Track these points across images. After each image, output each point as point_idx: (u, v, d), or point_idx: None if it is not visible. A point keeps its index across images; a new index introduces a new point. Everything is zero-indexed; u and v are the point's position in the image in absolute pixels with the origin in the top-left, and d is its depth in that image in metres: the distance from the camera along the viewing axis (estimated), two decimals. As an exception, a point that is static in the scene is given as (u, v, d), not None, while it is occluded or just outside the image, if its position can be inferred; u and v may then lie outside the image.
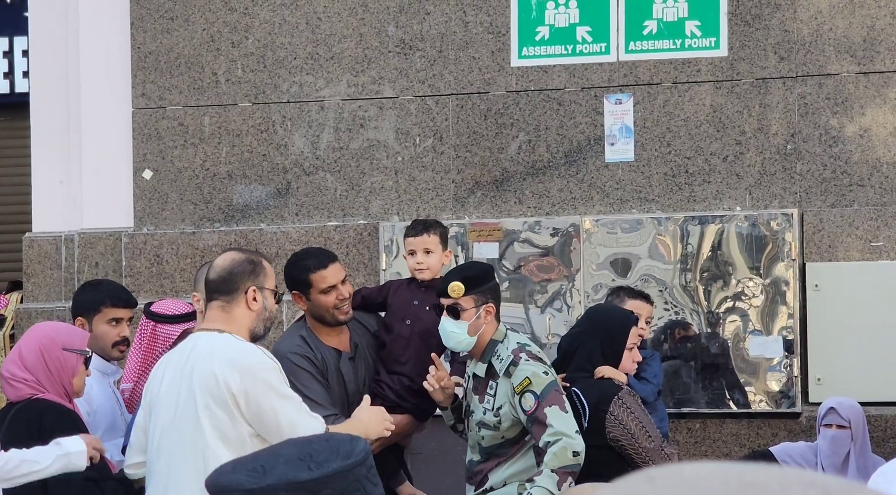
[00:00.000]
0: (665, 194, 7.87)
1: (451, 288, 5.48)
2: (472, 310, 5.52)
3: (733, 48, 7.84)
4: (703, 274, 7.69)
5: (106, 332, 5.74)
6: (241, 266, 4.94)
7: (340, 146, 8.22)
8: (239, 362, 4.71)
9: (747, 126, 7.81)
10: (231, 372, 4.69)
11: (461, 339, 5.55)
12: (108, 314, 5.77)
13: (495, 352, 5.58)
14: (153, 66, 8.43)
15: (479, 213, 8.04)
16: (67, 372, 5.20)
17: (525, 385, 5.45)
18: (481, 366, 5.61)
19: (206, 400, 4.73)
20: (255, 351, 4.79)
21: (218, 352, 4.76)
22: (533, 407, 5.41)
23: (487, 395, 5.58)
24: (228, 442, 4.74)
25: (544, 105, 8.01)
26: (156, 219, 8.41)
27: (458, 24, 8.10)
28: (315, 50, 8.26)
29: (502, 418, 5.53)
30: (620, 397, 5.72)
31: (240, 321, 4.87)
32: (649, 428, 5.72)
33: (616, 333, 5.92)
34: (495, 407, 5.54)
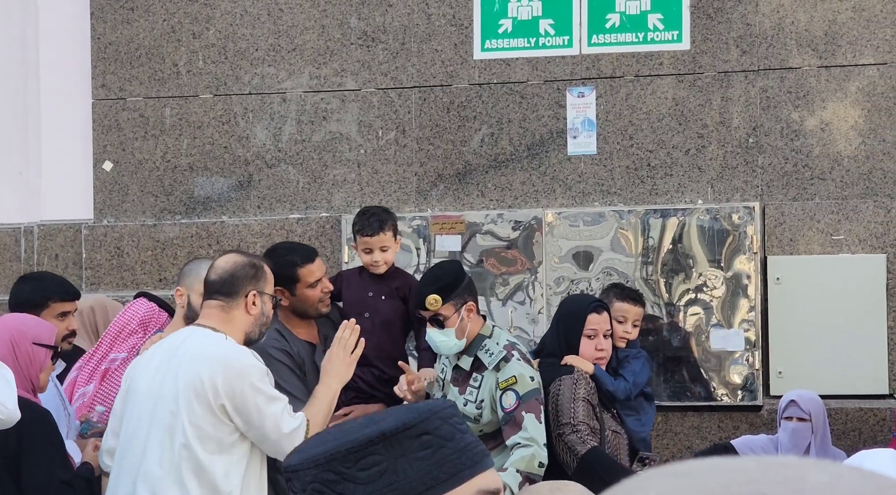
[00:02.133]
0: (627, 187, 7.89)
1: (428, 302, 5.46)
2: (455, 316, 5.51)
3: (695, 41, 7.85)
4: (664, 267, 7.71)
5: (56, 326, 5.69)
6: (243, 270, 4.95)
7: (303, 138, 8.19)
8: (228, 365, 4.71)
9: (709, 119, 7.83)
10: (219, 374, 4.69)
11: (451, 344, 5.55)
12: (56, 309, 5.74)
13: (483, 346, 5.57)
14: (113, 57, 8.37)
15: (441, 206, 8.03)
16: (36, 366, 5.17)
17: (510, 382, 5.45)
18: (466, 359, 5.60)
19: (190, 398, 4.72)
20: (245, 353, 4.78)
21: (208, 351, 4.75)
22: (512, 406, 5.41)
23: (470, 387, 5.56)
24: (206, 440, 4.73)
25: (507, 98, 8.00)
26: (116, 211, 8.36)
27: (421, 17, 8.08)
28: (277, 41, 8.23)
29: (484, 411, 5.53)
30: (562, 379, 5.72)
31: (236, 323, 4.88)
32: (561, 417, 5.66)
33: (571, 321, 5.92)
34: (478, 399, 5.53)
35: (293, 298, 5.89)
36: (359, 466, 1.74)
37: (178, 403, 4.75)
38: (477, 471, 1.77)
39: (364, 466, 1.74)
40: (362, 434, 1.75)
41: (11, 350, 5.12)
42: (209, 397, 4.70)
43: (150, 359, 4.92)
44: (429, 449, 1.75)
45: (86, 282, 8.27)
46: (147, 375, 4.88)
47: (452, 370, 5.66)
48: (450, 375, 5.68)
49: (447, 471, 1.75)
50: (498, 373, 5.49)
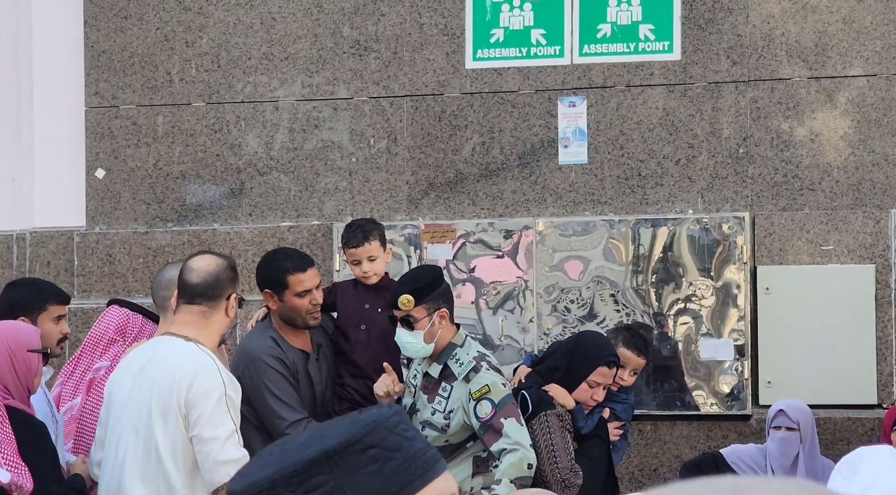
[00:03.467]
0: (618, 197, 7.91)
1: (400, 301, 5.46)
2: (426, 319, 5.51)
3: (686, 52, 7.88)
4: (654, 276, 7.73)
5: (51, 330, 5.71)
6: (225, 272, 4.94)
7: (295, 147, 8.22)
8: (194, 380, 4.71)
9: (699, 129, 7.86)
10: (185, 389, 4.69)
11: (418, 348, 5.55)
12: (53, 312, 5.74)
13: (453, 356, 5.56)
14: (106, 65, 8.40)
15: (432, 215, 8.05)
16: (32, 373, 5.17)
17: (484, 392, 5.45)
18: (436, 367, 5.59)
19: (161, 409, 4.73)
20: (211, 369, 4.76)
21: (179, 364, 4.75)
22: (489, 415, 5.42)
23: (439, 397, 5.56)
24: (176, 450, 4.74)
25: (498, 107, 8.03)
26: (108, 219, 8.38)
27: (413, 26, 8.11)
28: (269, 50, 8.25)
29: (452, 422, 5.52)
30: (546, 415, 5.73)
31: (215, 327, 4.88)
32: (560, 456, 5.67)
33: (582, 362, 5.91)
34: (447, 409, 5.53)
35: (281, 304, 5.90)
36: (303, 488, 1.65)
37: (152, 415, 4.76)
38: (429, 480, 1.70)
39: (309, 488, 1.65)
40: (305, 454, 1.66)
41: (9, 360, 5.11)
42: (176, 409, 4.71)
43: (127, 369, 4.93)
44: (376, 463, 1.67)
45: (77, 290, 8.28)
46: (125, 385, 4.89)
47: (423, 377, 5.66)
48: (420, 382, 5.67)
49: (398, 484, 1.68)
50: (469, 384, 5.48)
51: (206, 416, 4.70)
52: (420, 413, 5.61)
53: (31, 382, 5.17)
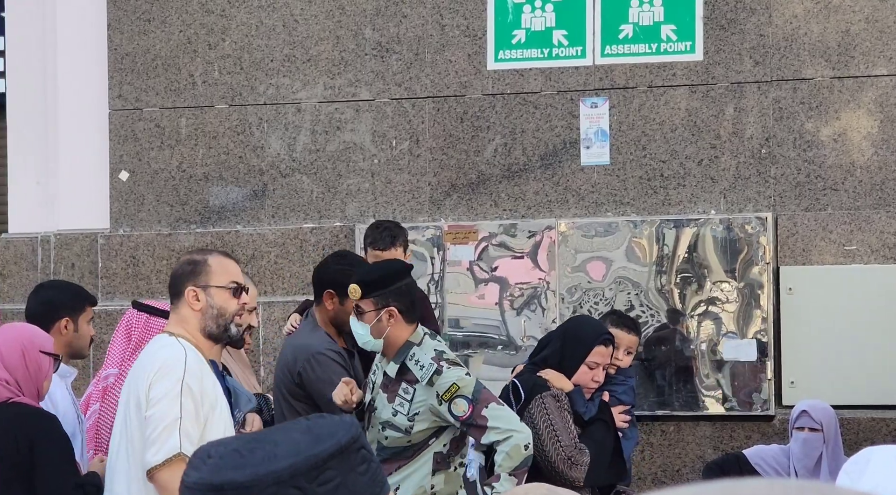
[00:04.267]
0: (640, 197, 7.90)
1: (350, 291, 5.41)
2: (372, 313, 5.41)
3: (709, 52, 7.87)
4: (677, 277, 7.72)
5: (87, 331, 5.84)
6: (181, 267, 4.96)
7: (317, 148, 8.23)
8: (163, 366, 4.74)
9: (722, 130, 7.84)
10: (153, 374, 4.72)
11: (366, 340, 5.46)
12: (89, 313, 5.86)
13: (411, 356, 5.45)
14: (130, 68, 8.43)
15: (454, 216, 8.06)
16: (42, 374, 5.22)
17: (454, 391, 5.36)
18: (392, 366, 5.47)
19: (136, 400, 4.77)
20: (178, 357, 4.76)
21: (153, 355, 4.79)
22: (467, 412, 5.34)
23: (400, 398, 5.45)
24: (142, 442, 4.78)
25: (520, 108, 8.03)
26: (132, 221, 8.41)
27: (435, 27, 8.12)
28: (292, 52, 8.27)
29: (416, 424, 5.43)
30: (543, 397, 5.71)
31: (188, 321, 4.89)
32: (561, 435, 5.65)
33: (576, 345, 5.89)
34: (410, 412, 5.42)
35: (339, 308, 5.96)
36: (318, 481, 1.67)
37: (130, 410, 4.79)
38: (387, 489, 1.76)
39: (323, 481, 1.67)
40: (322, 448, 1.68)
41: (22, 357, 5.16)
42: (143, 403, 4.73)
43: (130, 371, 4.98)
44: (364, 464, 1.71)
45: (101, 292, 8.31)
46: (124, 387, 4.94)
47: (384, 376, 5.55)
48: (380, 379, 5.56)
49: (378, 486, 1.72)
50: (434, 387, 5.38)
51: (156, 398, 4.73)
52: (378, 412, 5.50)
53: (41, 383, 5.21)
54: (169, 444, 4.71)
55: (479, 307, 7.88)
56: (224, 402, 4.92)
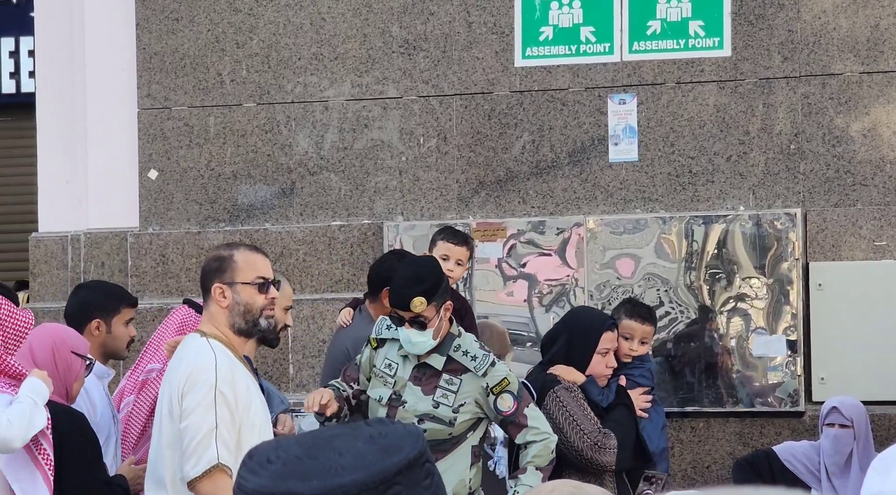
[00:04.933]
0: (669, 194, 7.89)
1: (413, 304, 5.31)
2: (436, 318, 5.38)
3: (737, 48, 7.85)
4: (706, 273, 7.70)
5: (123, 333, 5.76)
6: (208, 264, 4.94)
7: (345, 146, 8.24)
8: (193, 372, 4.74)
9: (751, 126, 7.82)
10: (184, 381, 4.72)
11: (427, 345, 5.41)
12: (126, 315, 5.77)
13: (456, 347, 5.44)
14: (158, 67, 8.46)
15: (483, 213, 8.06)
16: (72, 374, 5.24)
17: (504, 385, 5.38)
18: (438, 358, 5.43)
19: (168, 407, 4.77)
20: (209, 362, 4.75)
21: (184, 360, 4.78)
22: (512, 408, 5.37)
23: (443, 390, 5.42)
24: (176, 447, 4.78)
25: (548, 105, 8.02)
26: (161, 219, 8.44)
27: (462, 25, 8.12)
28: (319, 50, 8.28)
29: (460, 415, 5.43)
30: (555, 391, 5.71)
31: (216, 318, 4.89)
32: (583, 424, 5.66)
33: (583, 336, 5.88)
34: (455, 404, 5.41)
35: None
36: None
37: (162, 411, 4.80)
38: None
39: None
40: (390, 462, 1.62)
41: (52, 356, 5.18)
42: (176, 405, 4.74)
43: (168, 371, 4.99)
44: (428, 478, 1.65)
45: (131, 290, 8.34)
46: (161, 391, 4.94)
47: (416, 368, 5.48)
48: (409, 373, 5.50)
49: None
50: (485, 378, 5.39)
51: (189, 409, 4.72)
52: (411, 405, 5.44)
53: (70, 384, 5.22)
54: (207, 456, 4.70)
55: (508, 304, 7.88)
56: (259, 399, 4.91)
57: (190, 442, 4.70)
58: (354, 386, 5.63)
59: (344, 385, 5.64)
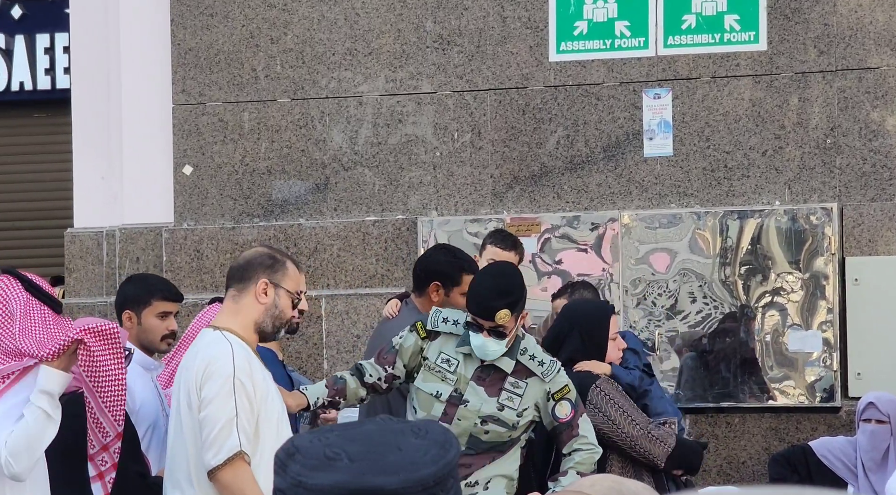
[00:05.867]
0: (704, 189, 7.87)
1: (499, 316, 5.28)
2: (514, 328, 5.41)
3: (772, 42, 7.82)
4: (742, 268, 7.68)
5: (155, 326, 5.72)
6: (259, 258, 4.93)
7: (379, 141, 8.25)
8: (210, 364, 4.74)
9: (787, 120, 7.79)
10: (202, 372, 4.73)
11: (500, 352, 5.41)
12: (158, 307, 5.72)
13: (524, 350, 5.45)
14: (193, 63, 8.48)
15: (517, 208, 8.05)
16: None
17: (565, 392, 5.41)
18: (508, 362, 5.42)
19: (186, 399, 4.78)
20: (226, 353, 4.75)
21: (200, 353, 4.79)
22: (569, 416, 5.39)
23: (509, 392, 5.42)
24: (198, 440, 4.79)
25: (583, 100, 8.01)
26: (196, 215, 8.46)
27: (496, 20, 8.11)
28: (353, 45, 8.29)
29: (522, 419, 5.44)
30: (598, 385, 5.71)
31: (246, 312, 4.86)
32: (633, 414, 5.67)
33: (593, 327, 5.89)
34: (520, 408, 5.42)
35: (446, 298, 6.01)
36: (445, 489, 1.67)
37: (181, 406, 4.81)
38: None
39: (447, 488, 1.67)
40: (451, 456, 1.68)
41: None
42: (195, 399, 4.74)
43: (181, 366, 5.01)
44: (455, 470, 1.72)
45: (166, 285, 8.37)
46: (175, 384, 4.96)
47: (478, 368, 5.46)
48: (471, 372, 5.46)
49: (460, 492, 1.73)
50: (548, 383, 5.41)
51: (209, 398, 4.73)
52: (474, 405, 5.42)
53: None
54: (229, 444, 4.72)
55: (543, 299, 7.87)
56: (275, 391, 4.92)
57: (210, 432, 4.72)
58: (388, 370, 5.55)
59: (378, 368, 5.57)
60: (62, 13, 9.07)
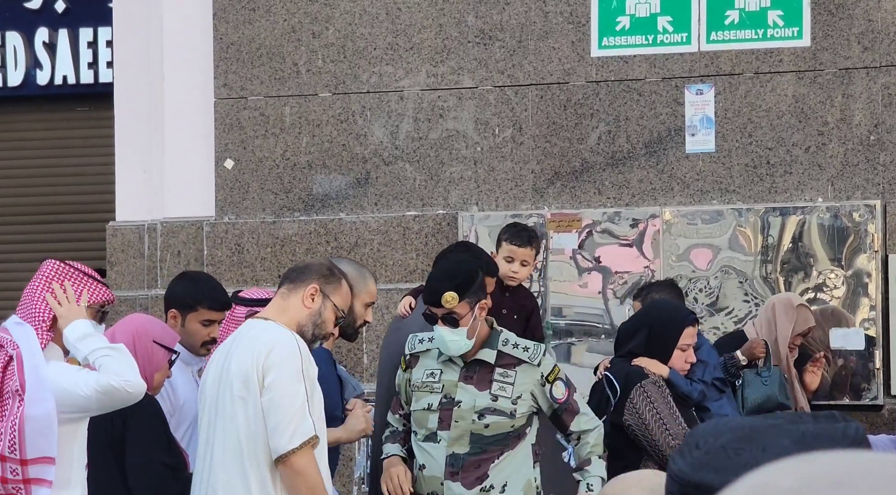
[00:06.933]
0: (746, 185, 7.83)
1: (444, 299, 5.25)
2: (469, 315, 5.33)
3: (816, 38, 7.77)
4: (783, 265, 7.64)
5: (197, 331, 5.70)
6: (319, 266, 5.04)
7: (420, 136, 8.25)
8: (276, 346, 4.76)
9: (830, 117, 7.74)
10: (265, 354, 4.74)
11: (461, 344, 5.37)
12: (203, 314, 5.71)
13: (505, 341, 5.46)
14: (235, 57, 8.50)
15: (558, 204, 8.03)
16: (153, 364, 5.25)
17: (556, 373, 5.46)
18: (490, 353, 5.43)
19: (242, 390, 4.78)
20: (291, 340, 4.79)
21: (259, 338, 4.81)
22: (565, 395, 5.43)
23: (500, 383, 5.42)
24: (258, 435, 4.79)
25: (625, 95, 7.98)
26: (237, 209, 8.48)
27: (538, 14, 8.09)
28: (395, 40, 8.29)
29: (519, 407, 5.43)
30: (643, 385, 5.65)
31: (292, 312, 4.92)
32: (669, 423, 5.58)
33: (664, 329, 5.83)
34: (514, 395, 5.42)
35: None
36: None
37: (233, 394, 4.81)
38: None
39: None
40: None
41: (132, 344, 5.20)
42: (258, 383, 4.75)
43: (214, 359, 5.01)
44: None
45: (207, 279, 8.39)
46: (210, 375, 4.97)
47: (463, 368, 5.45)
48: (457, 375, 5.45)
49: None
50: (540, 367, 5.44)
51: (279, 382, 4.74)
52: (468, 403, 5.42)
53: (151, 374, 5.23)
54: (303, 428, 4.74)
55: (583, 295, 7.85)
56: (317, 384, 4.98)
57: (283, 416, 4.73)
58: (402, 412, 5.67)
59: (396, 418, 5.68)
60: (105, 7, 9.10)
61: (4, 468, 4.62)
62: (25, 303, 4.93)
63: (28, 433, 4.61)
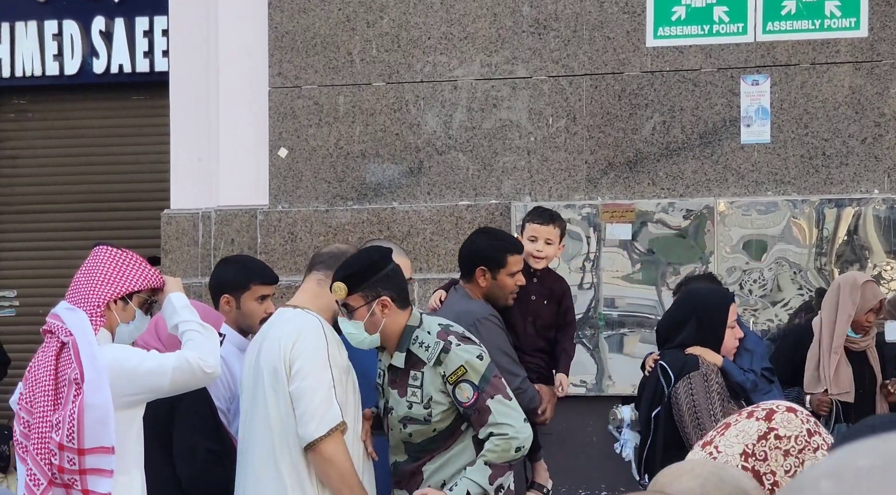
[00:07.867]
0: (801, 176, 7.78)
1: (333, 289, 4.98)
2: (364, 309, 4.99)
3: (874, 29, 7.70)
4: (838, 257, 7.58)
5: (254, 309, 5.68)
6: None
7: (473, 126, 8.24)
8: (301, 336, 4.78)
9: (887, 108, 7.68)
10: (291, 345, 4.77)
11: (362, 339, 5.04)
12: (256, 291, 5.70)
13: (414, 339, 5.07)
14: (290, 46, 8.52)
15: (611, 194, 8.00)
16: None
17: (460, 374, 5.02)
18: (399, 356, 5.08)
19: (270, 378, 4.81)
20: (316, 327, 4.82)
21: (284, 329, 4.83)
22: (472, 399, 5.02)
23: (411, 388, 5.09)
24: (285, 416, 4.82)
25: (679, 86, 7.94)
26: (290, 197, 8.51)
27: (593, 4, 8.07)
28: (449, 30, 8.28)
29: (433, 409, 5.07)
30: (690, 377, 5.58)
31: (326, 298, 4.94)
32: (704, 419, 5.50)
33: (712, 313, 5.79)
34: (424, 398, 5.07)
35: (493, 282, 5.93)
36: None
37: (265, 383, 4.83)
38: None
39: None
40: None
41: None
42: (283, 374, 4.77)
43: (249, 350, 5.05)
44: None
45: (260, 267, 8.42)
46: (247, 365, 5.00)
47: (388, 372, 5.15)
48: (387, 378, 5.21)
49: None
50: (441, 367, 5.02)
51: (305, 370, 4.76)
52: (395, 411, 5.12)
53: None
54: (330, 415, 4.76)
55: (635, 286, 7.83)
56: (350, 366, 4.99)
57: (309, 404, 4.75)
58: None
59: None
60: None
61: (62, 457, 4.61)
62: (78, 289, 4.93)
63: (87, 422, 4.61)
